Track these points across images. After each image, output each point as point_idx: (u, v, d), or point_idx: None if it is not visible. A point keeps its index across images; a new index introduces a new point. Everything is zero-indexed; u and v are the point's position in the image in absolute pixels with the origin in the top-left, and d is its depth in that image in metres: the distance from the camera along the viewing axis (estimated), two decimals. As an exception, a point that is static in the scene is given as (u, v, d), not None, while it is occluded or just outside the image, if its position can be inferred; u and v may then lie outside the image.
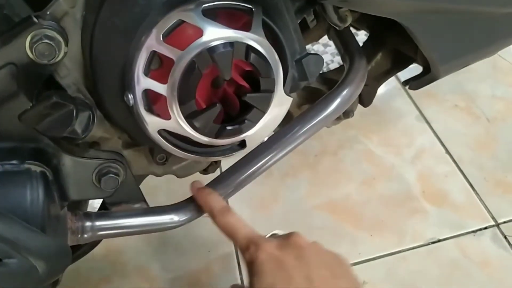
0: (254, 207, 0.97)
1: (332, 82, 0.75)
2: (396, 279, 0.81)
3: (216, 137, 0.47)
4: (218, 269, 0.86)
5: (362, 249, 0.86)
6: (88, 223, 0.54)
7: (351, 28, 0.78)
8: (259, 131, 0.51)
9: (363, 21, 0.79)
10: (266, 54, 0.46)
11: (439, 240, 0.86)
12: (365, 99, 0.77)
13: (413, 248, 0.85)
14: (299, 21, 0.55)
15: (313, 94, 0.74)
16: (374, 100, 1.18)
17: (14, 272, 0.40)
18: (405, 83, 0.77)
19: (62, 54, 0.45)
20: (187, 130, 0.46)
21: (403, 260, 0.84)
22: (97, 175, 0.52)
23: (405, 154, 1.03)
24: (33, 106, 0.43)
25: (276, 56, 0.47)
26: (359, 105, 0.87)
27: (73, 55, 0.47)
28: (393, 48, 0.77)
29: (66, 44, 0.45)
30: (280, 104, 0.51)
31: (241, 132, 0.49)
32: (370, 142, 1.08)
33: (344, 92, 0.64)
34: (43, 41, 0.43)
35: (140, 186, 0.61)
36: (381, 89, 1.18)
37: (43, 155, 0.47)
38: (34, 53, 0.44)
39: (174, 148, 0.49)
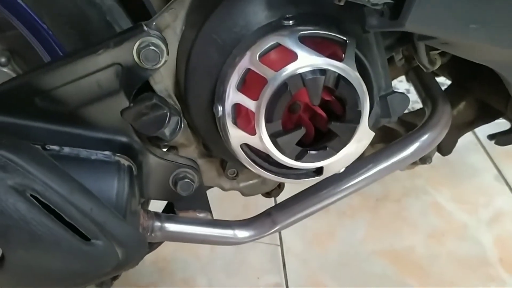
0: (308, 241, 0.98)
1: (409, 124, 0.76)
2: None
3: (296, 159, 0.51)
4: (266, 298, 0.88)
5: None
6: (157, 223, 0.58)
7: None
8: (337, 161, 0.54)
9: (445, 67, 0.79)
10: (355, 85, 0.49)
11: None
12: (444, 147, 0.77)
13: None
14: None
15: (389, 134, 0.76)
16: (449, 153, 1.16)
17: (98, 254, 0.44)
18: (491, 137, 0.76)
19: (163, 61, 0.51)
20: (270, 148, 0.50)
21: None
22: (174, 178, 0.57)
23: (481, 214, 1.00)
24: (135, 104, 0.49)
25: (365, 89, 0.50)
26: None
27: (168, 64, 0.53)
28: (479, 98, 0.77)
29: (168, 53, 0.51)
30: (362, 138, 0.53)
31: (321, 158, 0.51)
32: (439, 194, 1.07)
33: (425, 137, 0.65)
34: (150, 47, 0.50)
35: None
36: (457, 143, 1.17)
37: (131, 151, 0.53)
38: (140, 57, 0.50)
39: (253, 164, 0.53)
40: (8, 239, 0.40)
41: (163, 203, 0.66)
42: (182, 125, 0.54)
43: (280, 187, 0.73)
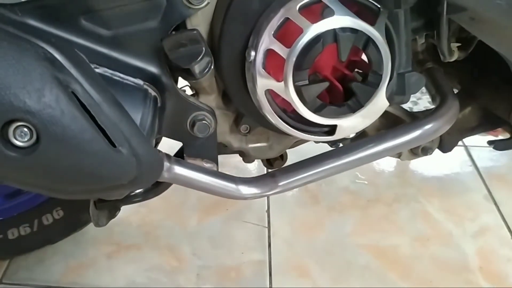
0: (295, 228, 1.03)
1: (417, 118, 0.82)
2: None
3: (315, 111, 0.56)
4: (249, 273, 0.92)
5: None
6: (167, 163, 0.62)
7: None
8: (350, 124, 0.59)
9: (455, 76, 0.86)
10: (382, 51, 0.55)
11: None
12: (446, 144, 0.83)
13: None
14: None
15: (394, 123, 0.82)
16: (441, 169, 1.23)
17: (120, 162, 0.48)
18: (490, 142, 0.83)
19: (206, 1, 0.56)
20: (293, 96, 0.55)
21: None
22: (193, 119, 0.61)
23: (466, 227, 1.06)
24: (176, 33, 0.54)
25: (389, 56, 0.56)
26: (422, 169, 0.88)
27: (206, 11, 0.58)
28: (484, 106, 0.84)
29: (210, -5, 0.56)
30: (376, 105, 0.59)
31: (338, 115, 0.57)
32: (429, 204, 1.13)
33: (429, 125, 0.71)
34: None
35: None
36: (450, 161, 1.24)
37: (160, 84, 0.57)
38: (184, -7, 0.55)
39: (272, 112, 0.58)
40: (47, 126, 0.43)
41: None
42: (212, 67, 0.58)
43: (282, 158, 0.78)
